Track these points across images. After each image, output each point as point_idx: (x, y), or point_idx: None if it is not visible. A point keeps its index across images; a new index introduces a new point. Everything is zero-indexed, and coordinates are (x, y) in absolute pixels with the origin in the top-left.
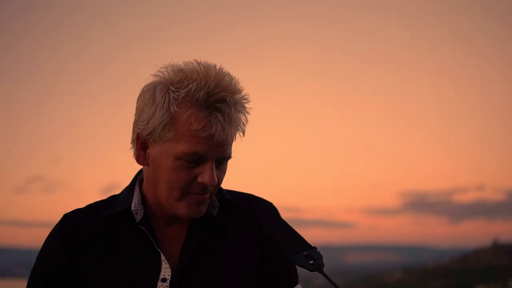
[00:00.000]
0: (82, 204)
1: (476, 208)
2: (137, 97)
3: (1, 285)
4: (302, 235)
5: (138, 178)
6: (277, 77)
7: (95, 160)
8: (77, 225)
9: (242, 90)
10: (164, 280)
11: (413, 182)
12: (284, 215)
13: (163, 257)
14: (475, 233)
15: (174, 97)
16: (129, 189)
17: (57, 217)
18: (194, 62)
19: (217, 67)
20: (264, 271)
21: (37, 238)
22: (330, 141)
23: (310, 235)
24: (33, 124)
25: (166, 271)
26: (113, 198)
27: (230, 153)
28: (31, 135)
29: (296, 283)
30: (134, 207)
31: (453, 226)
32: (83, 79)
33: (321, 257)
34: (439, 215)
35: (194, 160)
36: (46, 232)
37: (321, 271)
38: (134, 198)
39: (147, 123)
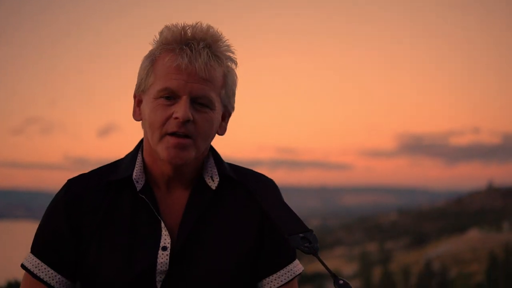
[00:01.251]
0: (79, 145)
1: (471, 151)
2: (134, 38)
3: (0, 225)
4: (300, 176)
5: (140, 146)
6: (275, 19)
7: (92, 101)
8: (80, 192)
9: (223, 38)
10: (164, 248)
11: (410, 125)
12: (281, 156)
13: (163, 226)
14: (470, 176)
15: (154, 48)
16: (132, 156)
17: (54, 159)
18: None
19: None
20: (263, 247)
21: (34, 179)
22: (327, 83)
23: (307, 177)
24: (30, 66)
25: (166, 240)
26: (116, 163)
27: (207, 94)
28: (28, 76)
29: (294, 259)
30: (135, 175)
31: (449, 169)
32: (81, 21)
33: (317, 240)
34: (434, 158)
35: (169, 97)
36: (44, 173)
37: (315, 254)
38: (136, 166)
39: (138, 79)
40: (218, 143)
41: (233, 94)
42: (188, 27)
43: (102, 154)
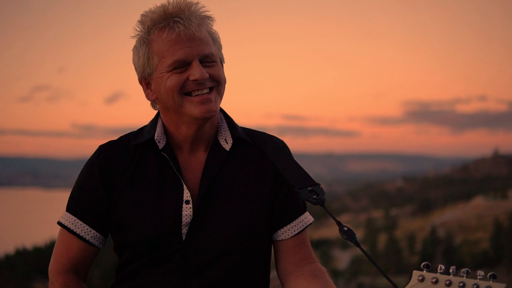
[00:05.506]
0: (87, 113)
1: (478, 119)
2: (144, 6)
3: (8, 193)
4: (306, 143)
5: (159, 115)
6: None
7: (100, 69)
8: (111, 155)
9: (198, 2)
10: (187, 202)
11: (416, 92)
12: (288, 123)
13: (183, 182)
14: (476, 143)
15: (144, 34)
16: (153, 122)
17: (62, 126)
18: None
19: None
20: (276, 201)
21: (42, 147)
22: (334, 50)
23: (313, 143)
24: (37, 34)
25: (187, 194)
26: (141, 129)
27: (211, 51)
28: (35, 44)
29: (305, 211)
30: (157, 136)
31: (455, 136)
32: None
33: (324, 193)
34: (441, 125)
35: (181, 67)
36: (51, 140)
37: (322, 205)
38: (157, 128)
39: (139, 67)
40: (226, 110)
41: (221, 47)
42: (166, 4)
43: (109, 121)
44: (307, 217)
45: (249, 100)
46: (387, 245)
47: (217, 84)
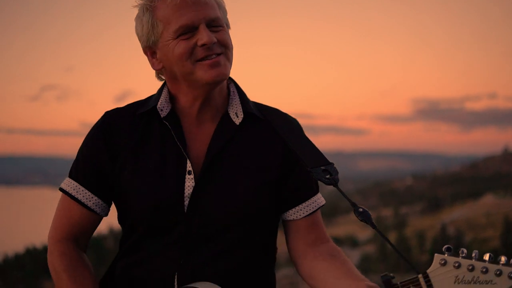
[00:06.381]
0: (95, 112)
1: (487, 116)
2: None
3: (17, 192)
4: (315, 141)
5: (165, 84)
6: None
7: (108, 68)
8: (116, 121)
9: None
10: (190, 172)
11: (425, 90)
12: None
13: (185, 151)
14: (486, 141)
15: (147, 1)
16: (159, 90)
17: (70, 126)
18: None
19: None
20: (288, 180)
21: (51, 146)
22: (344, 48)
23: (323, 142)
24: (46, 33)
25: (189, 164)
26: (149, 98)
27: (217, 15)
28: (42, 43)
29: (317, 192)
30: (160, 104)
31: (464, 134)
32: None
33: (337, 172)
34: (450, 123)
35: (187, 32)
36: (60, 140)
37: (336, 185)
38: (162, 97)
39: (143, 36)
40: None
41: (226, 12)
42: None
43: None
44: (319, 198)
45: (258, 98)
46: (396, 243)
47: (225, 50)
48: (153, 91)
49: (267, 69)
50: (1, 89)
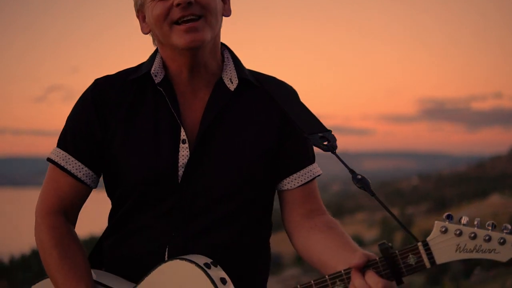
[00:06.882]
0: None
1: (493, 116)
2: None
3: (23, 193)
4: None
5: (157, 51)
6: None
7: (113, 68)
8: (106, 88)
9: None
10: (184, 141)
11: (431, 89)
12: None
13: (179, 119)
14: (492, 141)
15: None
16: (152, 56)
17: None
18: None
19: None
20: (283, 148)
21: None
22: (349, 48)
23: None
24: (52, 34)
25: (183, 133)
26: (140, 64)
27: None
28: (49, 44)
29: (314, 162)
30: (153, 70)
31: (470, 134)
32: None
33: (335, 139)
34: (456, 123)
35: None
36: None
37: (334, 152)
38: (155, 62)
39: (134, 2)
40: None
41: None
42: None
43: None
44: (315, 168)
45: None
46: (403, 243)
47: (205, 12)
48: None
49: (271, 70)
50: (7, 90)
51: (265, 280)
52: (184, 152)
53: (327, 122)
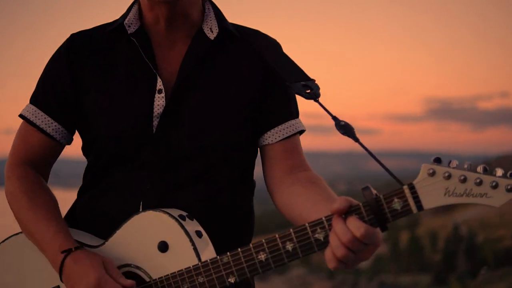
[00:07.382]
0: None
1: (499, 116)
2: None
3: None
4: (326, 142)
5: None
6: None
7: None
8: (80, 41)
9: None
10: (160, 91)
11: (437, 89)
12: (307, 122)
13: (154, 69)
14: (498, 140)
15: None
16: (129, 7)
17: None
18: None
19: None
20: (265, 101)
21: None
22: (354, 47)
23: (333, 142)
24: (52, 34)
25: (160, 82)
26: (117, 19)
27: None
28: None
29: (297, 117)
30: (127, 20)
31: (476, 133)
32: None
33: (318, 88)
34: (462, 122)
35: None
36: None
37: (316, 100)
38: (131, 12)
39: None
40: None
41: None
42: None
43: None
44: (298, 123)
45: None
46: (409, 243)
47: None
48: None
49: None
50: (10, 90)
51: (248, 240)
52: (159, 102)
53: (332, 122)
